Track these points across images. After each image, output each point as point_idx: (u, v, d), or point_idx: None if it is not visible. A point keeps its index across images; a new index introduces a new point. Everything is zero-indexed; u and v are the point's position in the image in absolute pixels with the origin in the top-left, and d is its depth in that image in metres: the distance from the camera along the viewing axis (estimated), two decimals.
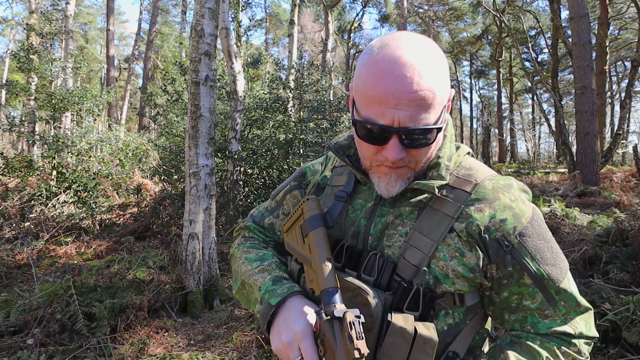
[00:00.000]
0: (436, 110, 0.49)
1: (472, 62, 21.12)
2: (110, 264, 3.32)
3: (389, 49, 0.48)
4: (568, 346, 0.51)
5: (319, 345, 0.47)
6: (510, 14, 11.59)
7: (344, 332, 0.43)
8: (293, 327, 0.50)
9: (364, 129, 0.51)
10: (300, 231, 0.58)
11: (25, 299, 2.52)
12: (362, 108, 0.50)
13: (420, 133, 0.49)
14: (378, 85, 0.48)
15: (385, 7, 17.70)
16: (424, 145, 0.51)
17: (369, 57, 0.50)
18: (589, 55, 6.12)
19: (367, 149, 0.53)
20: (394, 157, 0.50)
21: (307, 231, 0.56)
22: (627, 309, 2.01)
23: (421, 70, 0.47)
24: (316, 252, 0.53)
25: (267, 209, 0.71)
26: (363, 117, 0.50)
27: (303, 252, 0.56)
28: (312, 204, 0.58)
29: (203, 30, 2.73)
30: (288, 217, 0.63)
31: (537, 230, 0.52)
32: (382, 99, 0.48)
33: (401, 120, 0.48)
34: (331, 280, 0.49)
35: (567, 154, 6.79)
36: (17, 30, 16.68)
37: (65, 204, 4.63)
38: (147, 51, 14.13)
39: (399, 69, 0.47)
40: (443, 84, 0.50)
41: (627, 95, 7.59)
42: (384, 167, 0.53)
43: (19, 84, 5.81)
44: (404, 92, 0.47)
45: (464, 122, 23.36)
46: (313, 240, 0.54)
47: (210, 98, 2.77)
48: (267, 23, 19.09)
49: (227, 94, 5.40)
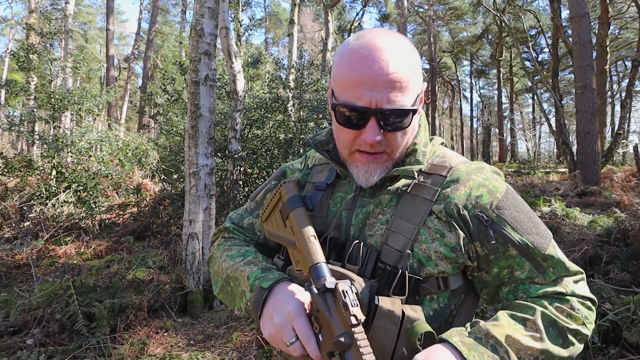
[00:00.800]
0: (411, 95, 0.52)
1: (472, 62, 21.09)
2: (109, 263, 3.32)
3: (365, 39, 0.52)
4: (561, 302, 0.51)
5: (314, 322, 0.46)
6: (511, 14, 11.58)
7: (337, 302, 0.42)
8: (284, 308, 0.49)
9: (343, 114, 0.53)
10: (280, 215, 0.56)
11: (24, 299, 2.52)
12: (341, 94, 0.52)
13: (397, 115, 0.51)
14: (356, 70, 0.51)
15: (385, 7, 17.69)
16: (400, 128, 0.53)
17: (347, 48, 0.53)
18: (590, 55, 6.11)
19: (346, 135, 0.54)
20: (372, 138, 0.51)
21: (287, 212, 0.55)
22: (627, 309, 2.01)
23: (396, 55, 0.51)
24: (299, 231, 0.51)
25: (246, 210, 0.70)
26: (342, 102, 0.52)
27: (285, 236, 0.54)
28: (289, 186, 0.57)
29: (203, 30, 2.72)
30: (265, 206, 0.62)
31: (513, 202, 0.54)
32: (360, 81, 0.50)
33: (378, 102, 0.50)
34: (318, 255, 0.48)
35: (568, 153, 6.78)
36: (17, 30, 16.67)
37: (64, 204, 4.62)
38: (147, 51, 14.12)
39: (375, 53, 0.50)
40: (417, 72, 0.53)
41: (628, 95, 7.58)
42: (363, 156, 0.54)
43: (19, 83, 5.80)
44: (381, 74, 0.50)
45: (464, 122, 23.35)
46: (294, 220, 0.53)
47: (210, 97, 2.77)
48: (267, 22, 19.07)
49: (227, 93, 5.39)
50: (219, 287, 0.62)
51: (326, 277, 0.46)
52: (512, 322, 0.49)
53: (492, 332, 0.47)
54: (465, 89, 24.03)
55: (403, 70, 0.51)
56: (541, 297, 0.51)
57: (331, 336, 0.42)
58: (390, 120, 0.51)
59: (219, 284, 0.62)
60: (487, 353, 0.45)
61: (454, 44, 18.71)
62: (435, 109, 16.75)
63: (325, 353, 0.44)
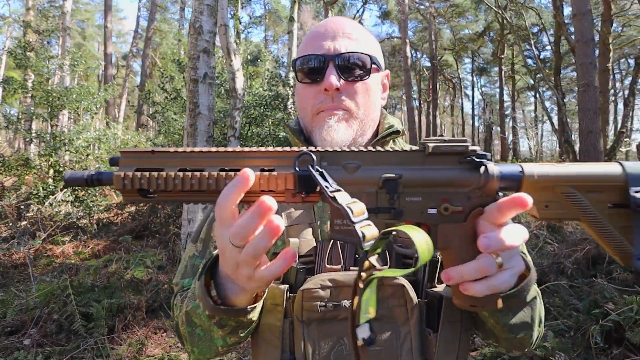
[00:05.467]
0: (371, 59, 0.56)
1: (474, 60, 20.98)
2: (107, 263, 3.30)
3: (323, 20, 0.60)
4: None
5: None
6: (513, 11, 11.49)
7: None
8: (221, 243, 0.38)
9: (303, 71, 0.56)
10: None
11: (22, 299, 2.50)
12: (301, 54, 0.57)
13: (356, 63, 0.54)
14: (316, 30, 0.57)
15: (386, 4, 17.57)
16: (360, 78, 0.55)
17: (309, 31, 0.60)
18: (592, 53, 6.05)
19: (308, 93, 0.56)
20: (330, 82, 0.52)
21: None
22: (630, 309, 1.99)
23: (355, 24, 0.58)
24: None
25: (194, 257, 0.61)
26: (302, 56, 0.56)
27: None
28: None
29: (202, 27, 2.68)
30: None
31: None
32: (319, 36, 0.56)
33: (336, 48, 0.54)
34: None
35: (570, 152, 6.75)
36: (14, 28, 16.57)
37: (62, 203, 4.60)
38: (145, 48, 14.04)
39: (335, 19, 0.59)
40: (375, 45, 0.59)
41: (631, 93, 7.53)
42: (325, 113, 0.54)
43: (16, 81, 5.75)
44: (340, 29, 0.56)
45: (465, 120, 23.26)
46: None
47: (209, 96, 2.73)
48: (267, 20, 18.96)
49: (226, 91, 5.35)
50: (189, 341, 0.51)
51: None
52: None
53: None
54: (466, 87, 23.94)
55: (361, 35, 0.57)
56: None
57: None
58: (349, 67, 0.53)
59: (188, 340, 0.51)
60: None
61: (456, 42, 18.60)
62: (437, 107, 16.68)
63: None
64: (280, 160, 0.38)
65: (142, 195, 0.39)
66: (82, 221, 4.44)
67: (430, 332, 0.50)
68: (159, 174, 0.38)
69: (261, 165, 0.38)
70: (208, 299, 0.44)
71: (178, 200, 0.39)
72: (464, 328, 0.51)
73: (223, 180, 0.37)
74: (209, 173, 0.38)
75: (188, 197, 0.39)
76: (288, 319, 0.51)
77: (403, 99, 19.27)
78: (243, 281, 0.40)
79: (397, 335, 0.50)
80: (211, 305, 0.44)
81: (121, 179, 0.37)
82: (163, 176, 0.37)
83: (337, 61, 0.53)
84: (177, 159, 0.38)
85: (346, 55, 0.53)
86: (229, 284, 0.44)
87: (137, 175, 0.38)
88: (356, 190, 0.38)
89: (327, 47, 0.54)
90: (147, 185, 0.37)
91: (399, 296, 0.50)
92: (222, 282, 0.45)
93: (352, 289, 0.36)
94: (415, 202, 0.39)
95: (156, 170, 0.38)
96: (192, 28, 2.71)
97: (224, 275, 0.44)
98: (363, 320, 0.34)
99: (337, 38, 0.54)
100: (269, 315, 0.52)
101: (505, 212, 0.37)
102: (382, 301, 0.50)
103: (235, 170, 0.38)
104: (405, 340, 0.50)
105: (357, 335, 0.35)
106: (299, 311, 0.50)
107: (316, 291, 0.50)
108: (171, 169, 0.38)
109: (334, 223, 0.38)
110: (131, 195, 0.39)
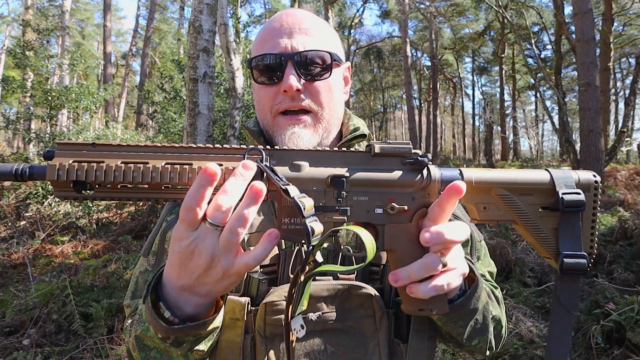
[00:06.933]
0: (330, 49, 0.52)
1: (474, 59, 20.94)
2: (107, 263, 3.29)
3: (276, 14, 0.55)
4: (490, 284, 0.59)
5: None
6: (513, 10, 11.46)
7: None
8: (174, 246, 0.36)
9: (259, 69, 0.52)
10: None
11: (21, 299, 2.49)
12: (257, 52, 0.53)
13: (316, 61, 0.50)
14: (270, 25, 0.53)
15: (386, 3, 17.54)
16: (320, 76, 0.51)
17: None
18: (593, 52, 6.03)
19: (266, 94, 0.52)
20: (290, 83, 0.49)
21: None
22: (631, 309, 1.98)
23: (312, 18, 0.54)
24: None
25: (146, 272, 0.56)
26: (257, 55, 0.52)
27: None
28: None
29: (201, 26, 2.67)
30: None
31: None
32: (275, 32, 0.52)
33: (294, 46, 0.51)
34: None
35: (571, 151, 6.73)
36: (13, 27, 16.54)
37: (61, 203, 4.59)
38: (145, 48, 14.02)
39: (289, 12, 0.54)
40: (334, 37, 0.56)
41: (632, 93, 7.51)
42: (286, 118, 0.51)
43: (15, 80, 5.74)
44: (296, 24, 0.52)
45: (466, 120, 23.23)
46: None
47: (209, 95, 2.72)
48: (266, 19, 18.93)
49: (225, 90, 5.34)
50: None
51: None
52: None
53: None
54: (467, 86, 23.89)
55: (319, 29, 0.53)
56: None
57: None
58: (309, 66, 0.50)
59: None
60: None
61: (456, 41, 18.56)
62: (437, 107, 16.66)
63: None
64: (229, 157, 0.37)
65: (76, 191, 0.35)
66: (81, 221, 4.43)
67: (400, 343, 0.48)
68: (97, 165, 0.35)
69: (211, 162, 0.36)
70: (159, 321, 0.39)
71: (117, 197, 0.36)
72: (430, 336, 0.50)
73: (168, 173, 0.35)
74: (153, 165, 0.35)
75: (128, 193, 0.36)
76: (249, 334, 0.47)
77: (403, 98, 19.25)
78: (211, 284, 0.37)
79: (365, 347, 0.48)
80: (163, 327, 0.39)
81: (55, 170, 0.34)
82: (103, 167, 0.35)
83: (296, 60, 0.50)
84: (120, 153, 0.36)
85: (305, 53, 0.50)
86: (184, 297, 0.39)
87: (73, 166, 0.34)
88: (304, 189, 0.37)
89: (283, 45, 0.50)
90: (84, 177, 0.34)
91: (367, 307, 0.48)
92: (174, 298, 0.40)
93: (291, 282, 0.36)
94: (362, 201, 0.40)
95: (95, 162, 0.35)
96: (192, 27, 2.71)
97: (179, 288, 0.39)
98: (298, 311, 0.34)
99: (293, 34, 0.51)
100: (228, 331, 0.47)
101: (444, 204, 0.38)
102: (350, 312, 0.48)
103: (182, 163, 0.35)
104: (374, 353, 0.48)
105: (290, 326, 0.35)
106: (261, 326, 0.46)
107: (280, 304, 0.46)
108: (112, 164, 0.35)
109: (282, 222, 0.37)
110: (64, 190, 0.35)
